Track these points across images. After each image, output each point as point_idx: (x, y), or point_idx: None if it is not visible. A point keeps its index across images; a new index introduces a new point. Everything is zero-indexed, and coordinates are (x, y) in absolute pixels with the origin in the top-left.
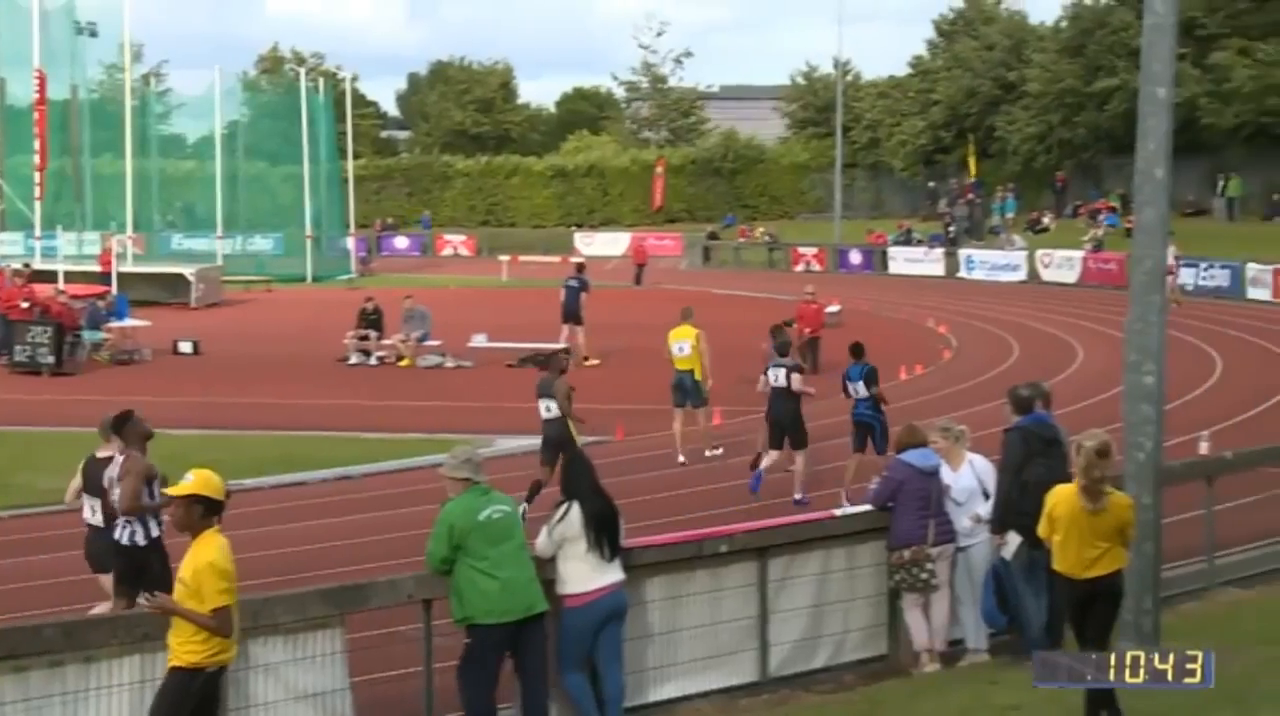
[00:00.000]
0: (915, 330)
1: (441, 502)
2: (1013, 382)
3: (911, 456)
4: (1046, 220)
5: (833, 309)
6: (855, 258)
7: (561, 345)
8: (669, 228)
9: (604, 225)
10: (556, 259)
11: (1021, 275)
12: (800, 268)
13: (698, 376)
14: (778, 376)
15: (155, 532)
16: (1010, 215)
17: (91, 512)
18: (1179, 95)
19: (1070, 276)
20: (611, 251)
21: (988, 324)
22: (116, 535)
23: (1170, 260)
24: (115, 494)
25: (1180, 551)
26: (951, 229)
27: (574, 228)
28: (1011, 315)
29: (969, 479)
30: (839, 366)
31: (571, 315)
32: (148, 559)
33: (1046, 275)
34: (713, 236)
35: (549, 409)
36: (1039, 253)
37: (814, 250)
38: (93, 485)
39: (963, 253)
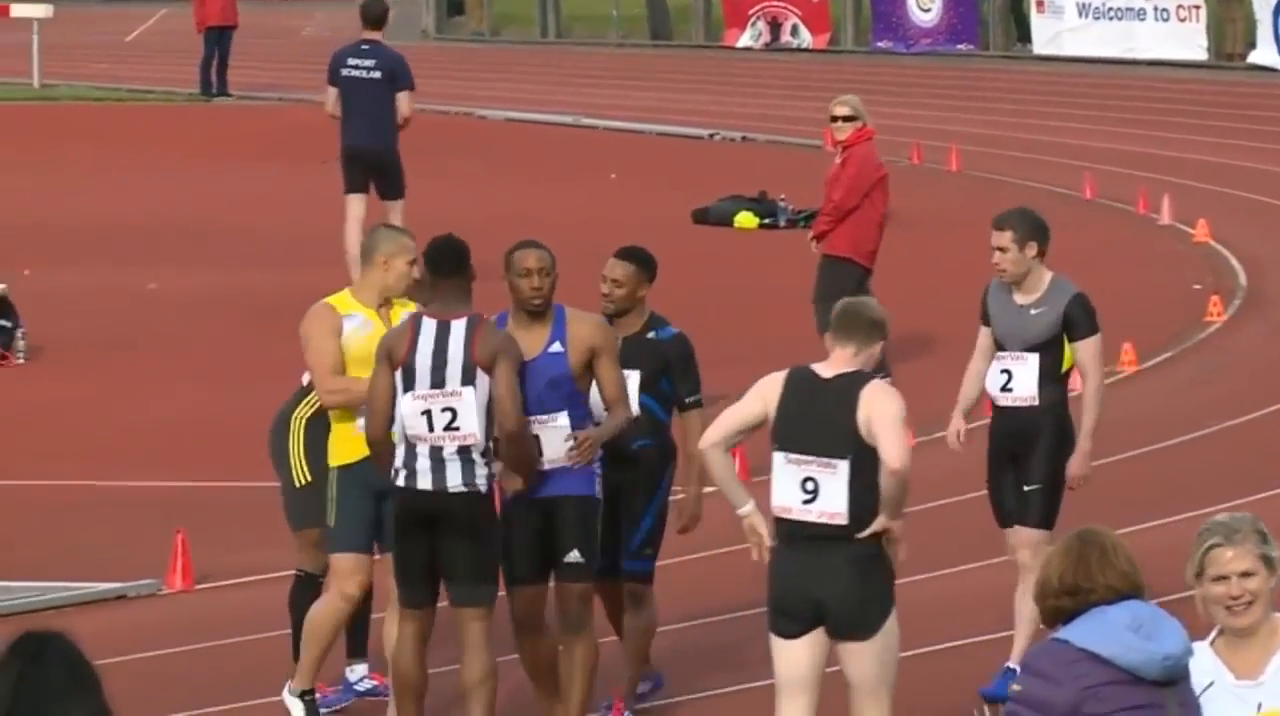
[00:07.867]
0: (1126, 239)
1: None
2: None
3: (1098, 632)
4: None
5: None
6: (922, 8)
7: None
8: None
9: None
10: None
11: None
12: (748, 39)
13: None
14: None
15: None
16: None
17: None
18: None
19: None
20: None
21: None
22: None
23: None
24: None
25: None
26: None
27: None
28: None
29: None
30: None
31: (380, 165)
32: None
33: None
34: None
35: None
36: None
37: None
38: None
39: None
